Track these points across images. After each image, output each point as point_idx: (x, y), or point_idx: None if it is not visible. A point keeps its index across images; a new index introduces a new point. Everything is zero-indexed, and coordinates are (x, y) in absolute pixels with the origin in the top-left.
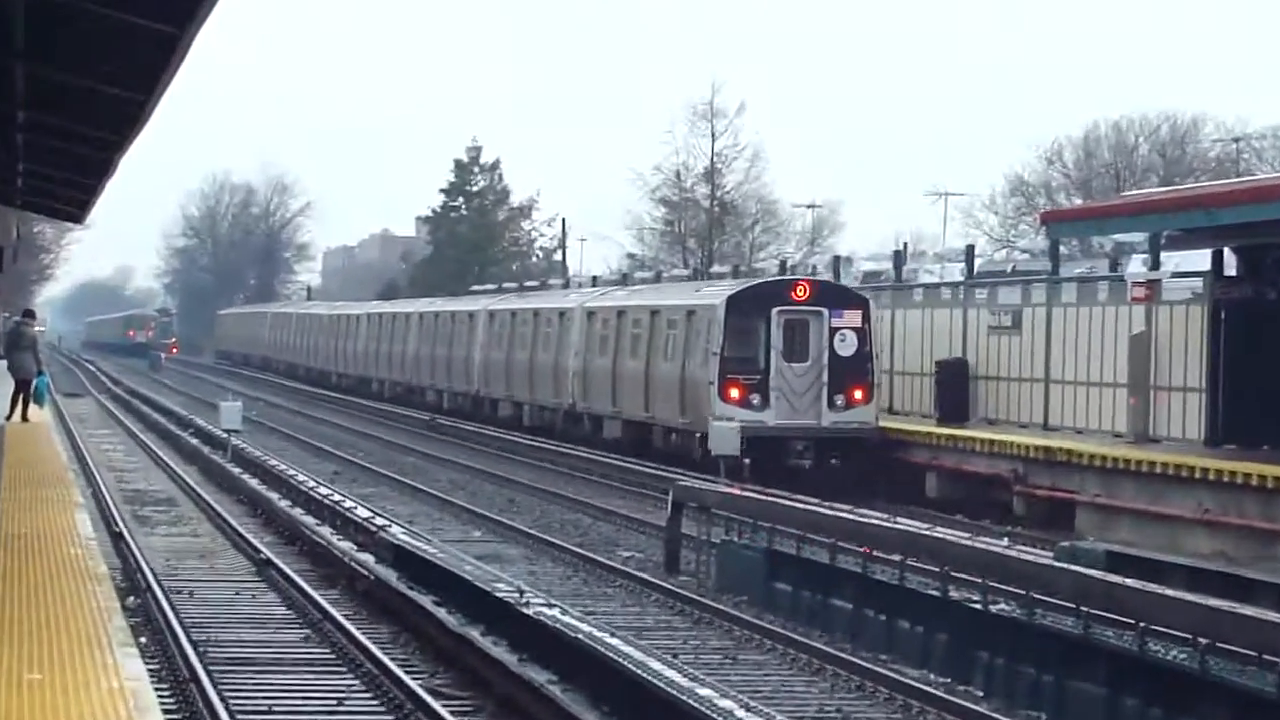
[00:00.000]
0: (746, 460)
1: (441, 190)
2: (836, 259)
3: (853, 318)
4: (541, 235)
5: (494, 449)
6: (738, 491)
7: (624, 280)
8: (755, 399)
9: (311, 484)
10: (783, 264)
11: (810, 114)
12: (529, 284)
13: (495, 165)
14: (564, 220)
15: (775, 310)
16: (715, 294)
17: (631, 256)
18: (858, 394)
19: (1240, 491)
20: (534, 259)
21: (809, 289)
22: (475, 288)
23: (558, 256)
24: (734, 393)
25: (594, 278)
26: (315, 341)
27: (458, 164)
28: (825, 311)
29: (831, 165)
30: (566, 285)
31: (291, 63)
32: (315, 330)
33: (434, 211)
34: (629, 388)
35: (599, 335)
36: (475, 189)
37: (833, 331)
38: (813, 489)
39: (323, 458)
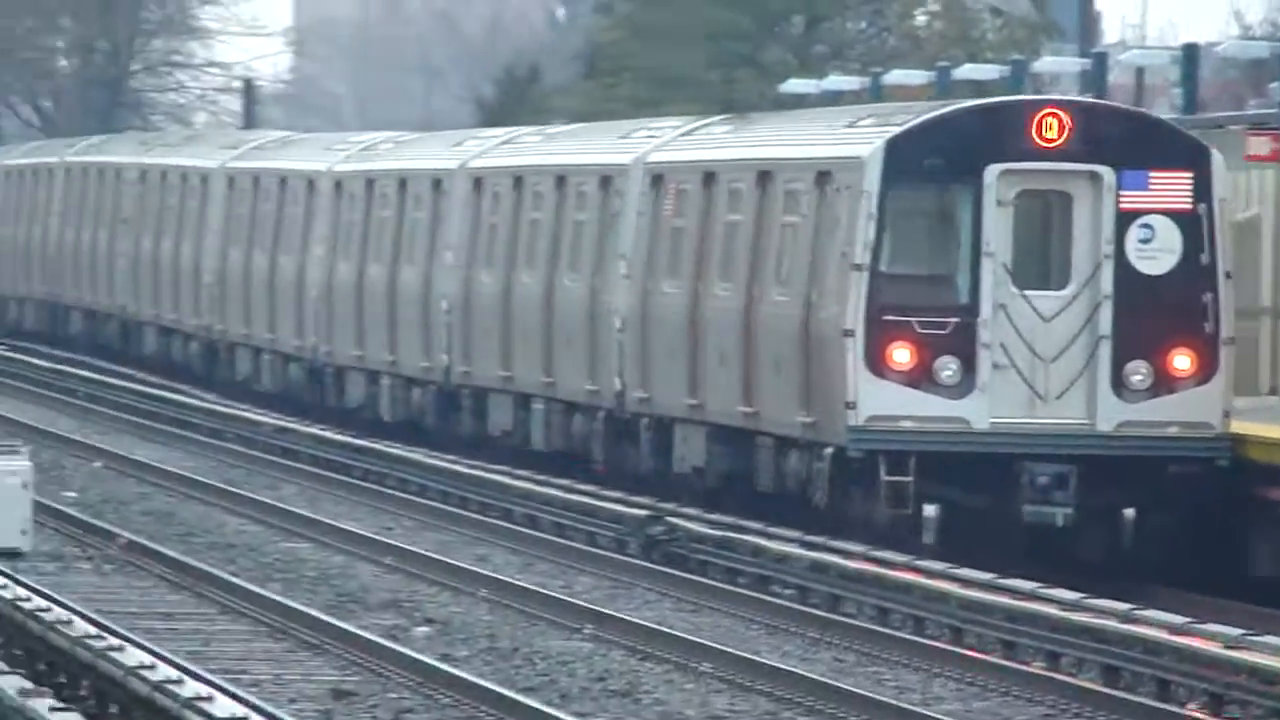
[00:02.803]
0: (928, 510)
1: None
2: None
3: (1171, 189)
4: None
5: None
6: None
7: None
8: (947, 370)
9: None
10: None
11: None
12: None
13: None
14: None
15: (993, 171)
16: (860, 137)
17: None
18: (1182, 360)
19: None
20: None
21: (1067, 123)
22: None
23: None
24: (900, 355)
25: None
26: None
27: None
28: (1106, 175)
29: None
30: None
31: None
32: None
33: None
34: (716, 352)
35: (668, 227)
36: None
37: (1123, 219)
38: (1074, 573)
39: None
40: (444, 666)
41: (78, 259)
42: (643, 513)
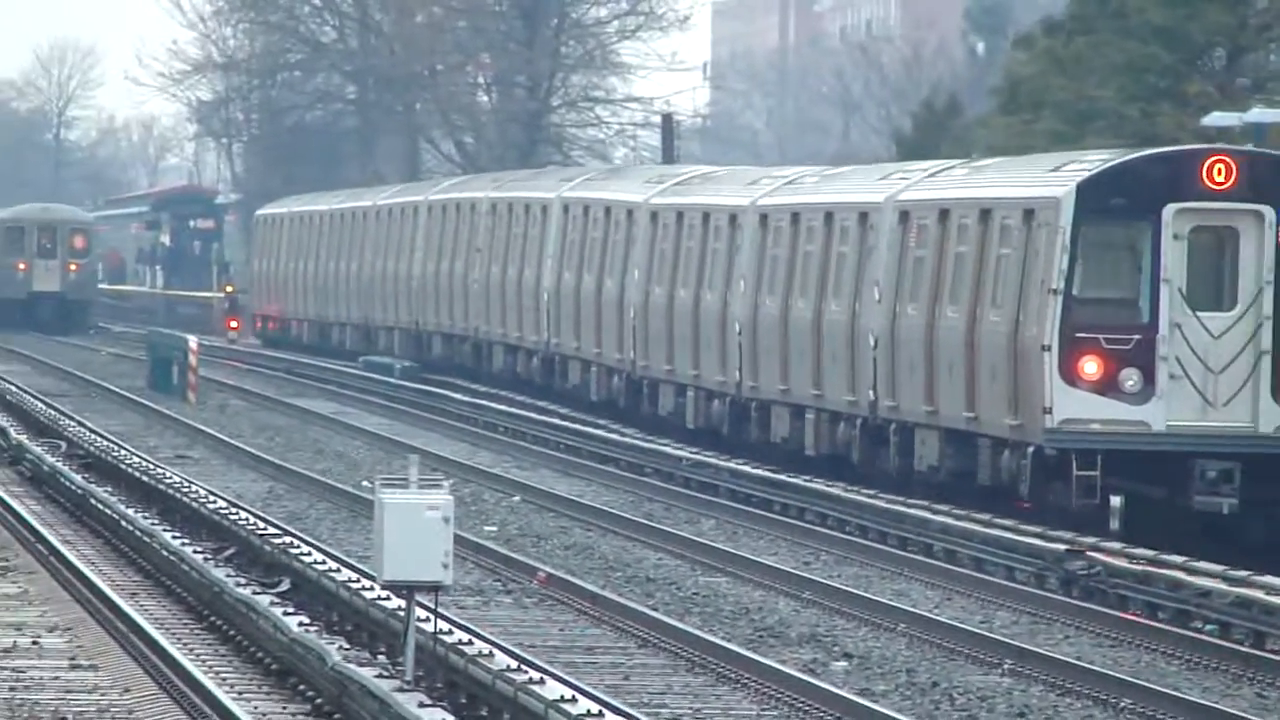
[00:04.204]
0: (1114, 500)
1: None
2: None
3: None
4: None
5: None
6: None
7: None
8: (1129, 380)
9: None
10: None
11: None
12: None
13: None
14: None
15: (1170, 210)
16: (1058, 180)
17: None
18: None
19: None
20: None
21: (1234, 169)
22: None
23: None
24: (1089, 367)
25: None
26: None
27: None
28: (1268, 213)
29: None
30: None
31: None
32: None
33: None
34: (946, 367)
35: (911, 258)
36: None
37: None
38: (1239, 552)
39: None
40: (863, 701)
41: (438, 288)
42: (1062, 548)
